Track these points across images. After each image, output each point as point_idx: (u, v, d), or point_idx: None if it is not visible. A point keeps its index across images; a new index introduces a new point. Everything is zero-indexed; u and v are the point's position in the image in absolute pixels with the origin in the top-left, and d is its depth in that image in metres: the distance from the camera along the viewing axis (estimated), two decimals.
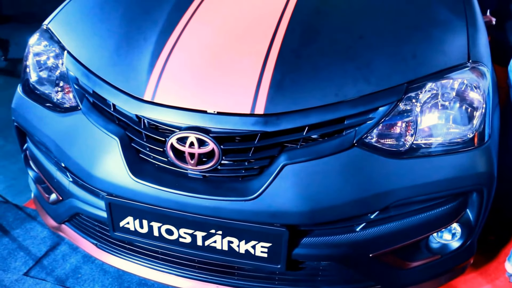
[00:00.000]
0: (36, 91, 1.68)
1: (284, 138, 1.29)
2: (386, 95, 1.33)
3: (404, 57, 1.41)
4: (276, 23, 1.48)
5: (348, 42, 1.44)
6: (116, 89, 1.40)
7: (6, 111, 3.13)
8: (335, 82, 1.33)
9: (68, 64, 1.55)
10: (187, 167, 1.32)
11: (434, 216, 1.40)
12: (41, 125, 1.59)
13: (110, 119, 1.43)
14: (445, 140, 1.38)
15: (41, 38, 1.71)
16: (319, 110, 1.29)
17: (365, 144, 1.33)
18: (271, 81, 1.31)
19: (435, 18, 1.60)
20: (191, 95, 1.32)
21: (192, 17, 1.54)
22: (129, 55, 1.47)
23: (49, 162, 1.64)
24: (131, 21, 1.61)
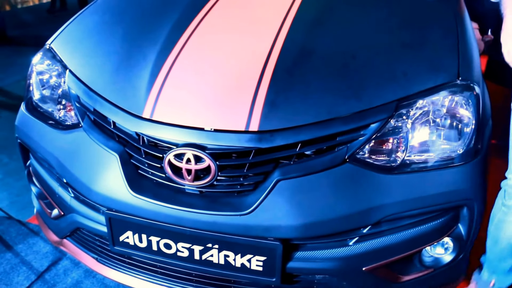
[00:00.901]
0: (39, 109, 1.72)
1: (278, 154, 1.33)
2: (377, 112, 1.36)
3: (395, 75, 1.45)
4: (271, 43, 1.52)
5: (341, 61, 1.49)
6: (116, 107, 1.44)
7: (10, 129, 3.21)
8: (328, 100, 1.37)
9: (70, 82, 1.60)
10: (184, 182, 1.35)
11: (426, 230, 1.43)
12: (44, 142, 1.63)
13: (110, 136, 1.47)
14: (436, 155, 1.42)
15: (44, 57, 1.77)
16: (312, 127, 1.32)
17: (356, 160, 1.37)
18: (265, 99, 1.35)
19: (426, 36, 1.64)
20: (188, 113, 1.36)
21: (190, 37, 1.59)
22: (128, 74, 1.52)
23: (51, 178, 1.68)
24: (131, 40, 1.66)
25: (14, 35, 5.69)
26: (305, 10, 1.69)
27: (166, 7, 1.84)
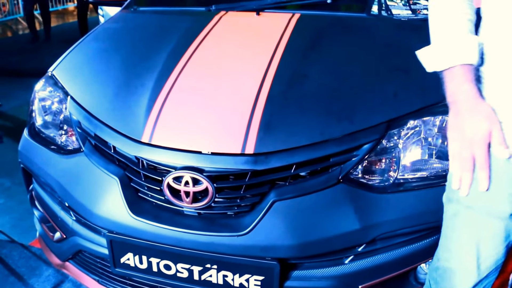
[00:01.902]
0: (42, 134, 1.76)
1: (274, 176, 1.36)
2: (369, 133, 1.40)
3: (386, 97, 1.50)
4: (265, 68, 1.57)
5: (333, 85, 1.54)
6: (116, 132, 1.48)
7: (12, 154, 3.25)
8: (321, 122, 1.42)
9: (71, 108, 1.65)
10: (183, 205, 1.39)
11: (420, 247, 1.45)
12: (46, 166, 1.67)
13: (110, 160, 1.51)
14: (428, 174, 1.45)
15: (46, 84, 1.82)
16: (306, 149, 1.36)
17: (350, 180, 1.40)
18: (261, 122, 1.40)
19: (415, 60, 1.69)
20: (186, 137, 1.41)
21: (186, 64, 1.65)
22: (128, 100, 1.57)
23: (54, 202, 1.71)
24: (130, 68, 1.71)
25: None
26: (297, 37, 1.75)
27: (162, 35, 1.91)
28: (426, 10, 2.02)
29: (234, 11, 2.04)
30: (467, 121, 1.08)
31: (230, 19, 1.96)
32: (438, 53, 1.15)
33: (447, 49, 1.12)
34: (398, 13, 1.99)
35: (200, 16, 2.04)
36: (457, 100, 1.10)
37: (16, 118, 4.23)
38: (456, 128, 1.10)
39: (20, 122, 4.09)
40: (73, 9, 10.53)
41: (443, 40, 1.15)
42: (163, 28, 1.98)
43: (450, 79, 1.12)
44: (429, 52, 1.18)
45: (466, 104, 1.08)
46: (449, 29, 1.14)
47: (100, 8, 4.85)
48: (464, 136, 1.08)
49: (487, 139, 1.07)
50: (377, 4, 2.04)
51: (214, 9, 2.06)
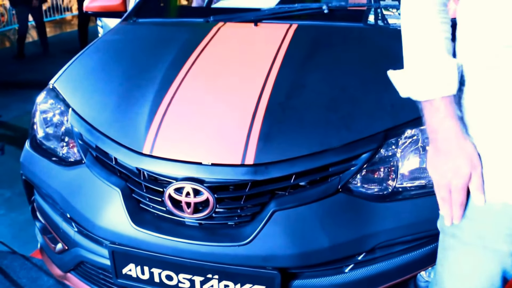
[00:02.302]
0: (43, 146, 1.78)
1: (273, 186, 1.38)
2: (367, 142, 1.42)
3: (383, 107, 1.52)
4: (264, 79, 1.59)
5: (331, 95, 1.56)
6: (117, 144, 1.50)
7: (12, 165, 3.26)
8: (319, 132, 1.44)
9: (72, 120, 1.66)
10: (184, 215, 1.40)
11: (419, 255, 1.47)
12: (48, 178, 1.68)
13: (112, 172, 1.52)
14: (426, 182, 1.46)
15: (47, 96, 1.83)
16: (305, 159, 1.38)
17: (349, 189, 1.42)
18: (260, 133, 1.41)
19: None
20: (186, 148, 1.42)
21: (186, 75, 1.67)
22: (128, 112, 1.58)
23: (55, 213, 1.72)
24: (130, 79, 1.73)
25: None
26: (294, 48, 1.78)
27: (162, 47, 1.93)
28: None
29: (232, 22, 2.06)
30: (447, 162, 1.01)
31: (228, 30, 1.99)
32: (413, 80, 1.03)
33: (424, 77, 1.00)
34: (394, 23, 2.01)
35: (199, 27, 2.07)
36: (437, 138, 1.02)
37: (16, 128, 4.24)
38: (435, 167, 1.04)
39: (20, 133, 4.11)
40: (70, 18, 10.56)
41: (418, 66, 1.02)
42: (162, 40, 2.01)
43: (430, 114, 1.02)
44: (403, 77, 1.06)
45: (447, 144, 1.00)
46: (425, 52, 1.01)
47: (99, 19, 4.89)
48: (442, 177, 1.02)
49: (466, 183, 1.01)
50: (374, 14, 2.07)
51: (212, 20, 2.09)
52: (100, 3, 2.46)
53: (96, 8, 2.45)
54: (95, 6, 2.45)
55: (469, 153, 1.00)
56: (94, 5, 2.45)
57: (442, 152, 1.02)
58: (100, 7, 2.45)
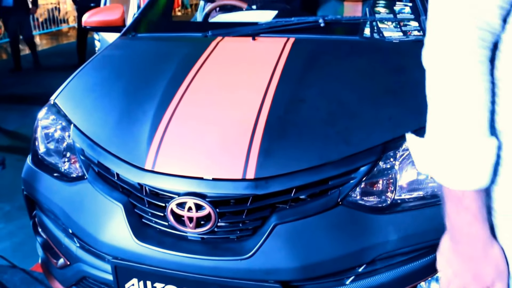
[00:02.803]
0: (45, 162, 1.79)
1: (274, 199, 1.40)
2: (366, 155, 1.44)
3: (381, 120, 1.54)
4: (263, 94, 1.62)
5: (329, 108, 1.58)
6: (119, 159, 1.52)
7: (11, 178, 3.27)
8: (319, 145, 1.46)
9: (74, 136, 1.68)
10: (186, 230, 1.42)
11: (419, 266, 1.48)
12: (50, 193, 1.69)
13: (114, 187, 1.54)
14: (424, 194, 1.49)
15: (49, 112, 1.85)
16: (305, 172, 1.40)
17: (349, 202, 1.44)
18: (260, 148, 1.43)
19: (408, 82, 1.74)
20: (188, 163, 1.44)
21: (186, 91, 1.69)
22: (130, 128, 1.60)
23: (57, 229, 1.74)
24: (131, 95, 1.76)
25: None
26: (292, 62, 1.81)
27: (161, 62, 1.95)
28: (417, 31, 2.09)
29: (230, 36, 2.09)
30: (467, 264, 0.84)
31: (226, 44, 2.02)
32: (439, 158, 0.80)
33: (456, 159, 0.77)
34: (390, 35, 2.05)
35: (197, 42, 2.10)
36: (460, 241, 0.83)
37: (14, 141, 4.25)
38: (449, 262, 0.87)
39: (19, 146, 4.12)
40: (67, 30, 10.59)
41: (448, 141, 0.79)
42: (162, 55, 2.03)
43: (455, 210, 0.82)
44: (425, 149, 0.84)
45: (470, 249, 0.82)
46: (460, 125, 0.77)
47: (96, 33, 4.91)
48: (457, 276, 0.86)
49: None
50: (369, 27, 2.10)
51: (211, 35, 2.12)
52: (99, 18, 2.48)
53: (95, 23, 2.48)
54: (94, 21, 2.47)
55: (495, 259, 0.83)
56: (93, 20, 2.48)
57: (462, 252, 0.84)
58: (99, 22, 2.47)
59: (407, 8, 2.24)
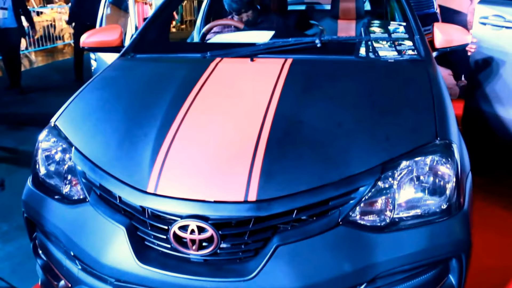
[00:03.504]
0: (45, 184, 1.80)
1: (276, 221, 1.42)
2: (365, 176, 1.47)
3: (379, 140, 1.57)
4: (262, 116, 1.65)
5: (328, 130, 1.61)
6: (121, 183, 1.53)
7: (8, 198, 3.27)
8: (319, 167, 1.48)
9: (75, 159, 1.69)
10: (189, 252, 1.43)
11: (418, 283, 1.51)
12: (51, 216, 1.70)
13: (116, 210, 1.55)
14: (422, 212, 1.52)
15: (49, 134, 1.86)
16: (306, 194, 1.42)
17: (349, 222, 1.46)
18: (261, 170, 1.46)
19: (404, 100, 1.78)
20: (190, 186, 1.46)
21: (187, 113, 1.71)
22: (131, 150, 1.62)
23: (58, 251, 1.74)
24: (131, 117, 1.78)
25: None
26: (291, 83, 1.84)
27: (161, 83, 1.98)
28: (411, 50, 2.14)
29: (228, 57, 2.12)
30: None
31: (225, 66, 2.05)
32: None
33: None
34: (385, 55, 2.09)
35: (197, 63, 2.12)
36: None
37: (11, 160, 4.24)
38: None
39: (16, 165, 4.11)
40: (62, 47, 10.61)
41: None
42: (161, 76, 2.06)
43: None
44: None
45: None
46: None
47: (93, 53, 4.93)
48: None
49: None
50: (365, 47, 2.14)
51: (209, 56, 2.15)
52: (97, 38, 2.48)
53: (93, 44, 2.48)
54: (92, 42, 2.47)
55: None
56: (91, 40, 2.48)
57: None
58: (97, 43, 2.48)
59: (401, 27, 2.28)
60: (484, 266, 2.30)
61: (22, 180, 1.89)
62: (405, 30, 2.26)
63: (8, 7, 6.31)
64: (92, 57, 4.82)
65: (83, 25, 6.71)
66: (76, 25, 7.13)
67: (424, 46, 2.18)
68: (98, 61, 4.60)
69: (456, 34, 2.33)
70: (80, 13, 6.83)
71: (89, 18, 6.47)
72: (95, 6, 5.99)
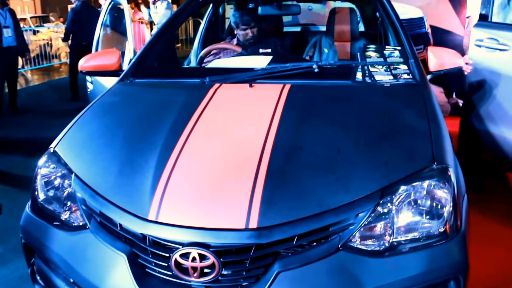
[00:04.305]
0: (45, 210, 1.79)
1: (277, 247, 1.43)
2: (364, 202, 1.49)
3: (377, 166, 1.59)
4: (262, 143, 1.67)
5: (328, 156, 1.63)
6: (122, 210, 1.54)
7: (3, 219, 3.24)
8: (318, 194, 1.50)
9: (76, 186, 1.69)
10: (190, 279, 1.44)
11: None
12: (50, 242, 1.70)
13: (117, 237, 1.55)
14: (421, 235, 1.53)
15: (49, 160, 1.86)
16: (306, 220, 1.44)
17: (349, 247, 1.47)
18: (262, 198, 1.47)
19: (401, 125, 1.81)
20: (191, 214, 1.47)
21: (187, 140, 1.73)
22: (132, 178, 1.63)
23: (57, 278, 1.73)
24: (131, 144, 1.79)
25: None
26: (289, 110, 1.87)
27: (161, 109, 2.00)
28: (406, 74, 2.17)
29: (227, 83, 2.15)
30: None
31: (224, 92, 2.07)
32: None
33: None
34: (381, 79, 2.12)
35: (196, 89, 2.14)
36: None
37: (5, 181, 4.21)
38: None
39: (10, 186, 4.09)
40: (58, 66, 10.66)
41: None
42: (161, 102, 2.07)
43: None
44: None
45: None
46: None
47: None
48: None
49: None
50: (361, 71, 2.17)
51: (208, 81, 2.17)
52: (95, 62, 2.51)
53: (91, 68, 2.50)
54: (90, 66, 2.49)
55: None
56: (89, 64, 2.50)
57: None
58: (95, 67, 2.50)
59: (396, 52, 2.32)
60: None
61: (18, 202, 1.87)
62: (400, 54, 2.30)
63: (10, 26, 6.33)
64: (88, 79, 4.80)
65: (79, 44, 6.75)
66: (72, 44, 7.15)
67: (418, 70, 2.22)
68: (95, 83, 4.58)
69: (448, 58, 2.39)
70: (76, 32, 6.87)
71: (85, 38, 6.51)
72: (92, 26, 6.02)
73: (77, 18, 6.82)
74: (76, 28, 6.84)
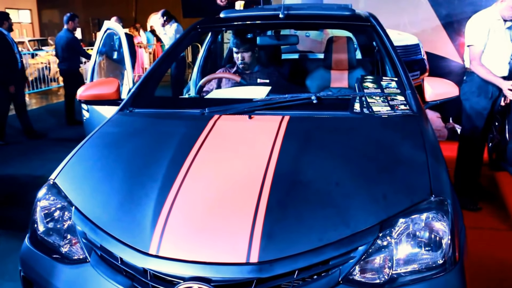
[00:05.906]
0: (44, 243, 1.79)
1: (278, 281, 1.43)
2: (364, 235, 1.50)
3: (377, 199, 1.61)
4: (263, 176, 1.68)
5: (327, 189, 1.65)
6: (122, 244, 1.54)
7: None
8: (318, 227, 1.51)
9: (76, 219, 1.69)
10: None
11: None
12: (50, 276, 1.69)
13: (118, 271, 1.55)
14: (420, 267, 1.54)
15: (49, 192, 1.85)
16: (307, 254, 1.45)
17: (349, 280, 1.48)
18: (262, 232, 1.48)
19: (399, 156, 1.83)
20: (193, 248, 1.47)
21: (187, 173, 1.74)
22: (132, 211, 1.63)
23: None
24: (132, 177, 1.79)
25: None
26: (289, 142, 1.89)
27: (161, 141, 2.01)
28: (403, 105, 2.20)
29: (226, 114, 2.17)
30: None
31: (224, 123, 2.09)
32: None
33: None
34: (378, 110, 2.15)
35: (195, 120, 2.16)
36: None
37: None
38: None
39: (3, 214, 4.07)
40: (56, 89, 10.70)
41: None
42: (161, 134, 2.09)
43: None
44: None
45: None
46: None
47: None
48: None
49: None
50: (359, 102, 2.20)
51: (208, 112, 2.20)
52: (93, 91, 2.50)
53: (89, 97, 2.49)
54: (89, 95, 2.49)
55: None
56: (88, 93, 2.49)
57: None
58: (93, 96, 2.49)
59: (393, 83, 2.36)
60: None
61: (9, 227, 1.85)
62: (396, 85, 2.34)
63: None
64: (84, 107, 4.73)
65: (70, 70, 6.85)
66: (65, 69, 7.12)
67: (415, 101, 2.25)
68: (91, 111, 4.53)
69: (444, 88, 2.42)
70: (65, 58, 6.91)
71: (73, 64, 6.66)
72: (79, 50, 6.59)
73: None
74: (64, 53, 6.89)
